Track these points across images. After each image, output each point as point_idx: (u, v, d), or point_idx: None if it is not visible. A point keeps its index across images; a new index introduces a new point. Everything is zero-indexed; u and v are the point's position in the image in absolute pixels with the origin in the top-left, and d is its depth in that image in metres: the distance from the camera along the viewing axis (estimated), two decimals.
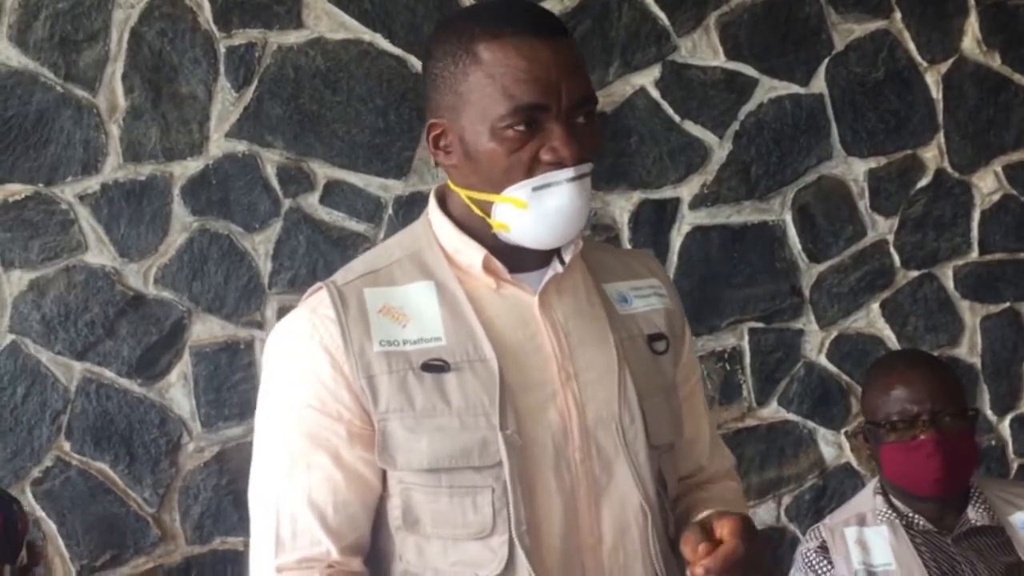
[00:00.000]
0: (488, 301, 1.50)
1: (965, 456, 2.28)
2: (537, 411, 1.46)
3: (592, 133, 1.46)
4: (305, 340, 1.47)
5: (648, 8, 3.11)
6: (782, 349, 3.22)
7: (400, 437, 1.43)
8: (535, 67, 1.39)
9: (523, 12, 1.44)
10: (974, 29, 3.27)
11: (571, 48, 1.44)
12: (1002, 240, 3.32)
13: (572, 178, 1.42)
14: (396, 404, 1.43)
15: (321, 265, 2.93)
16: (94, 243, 2.88)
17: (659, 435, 1.53)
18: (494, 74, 1.40)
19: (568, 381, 1.49)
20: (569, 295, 1.54)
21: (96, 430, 2.88)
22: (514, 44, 1.40)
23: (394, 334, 1.46)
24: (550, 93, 1.39)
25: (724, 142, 3.17)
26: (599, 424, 1.49)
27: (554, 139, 1.40)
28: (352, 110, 2.97)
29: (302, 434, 1.46)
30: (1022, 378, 3.34)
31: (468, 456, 1.43)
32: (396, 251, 1.56)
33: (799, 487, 3.24)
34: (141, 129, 2.88)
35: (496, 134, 1.41)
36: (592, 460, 1.48)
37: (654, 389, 1.55)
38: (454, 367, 1.44)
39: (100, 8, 2.85)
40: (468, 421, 1.43)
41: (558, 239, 1.48)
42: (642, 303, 1.61)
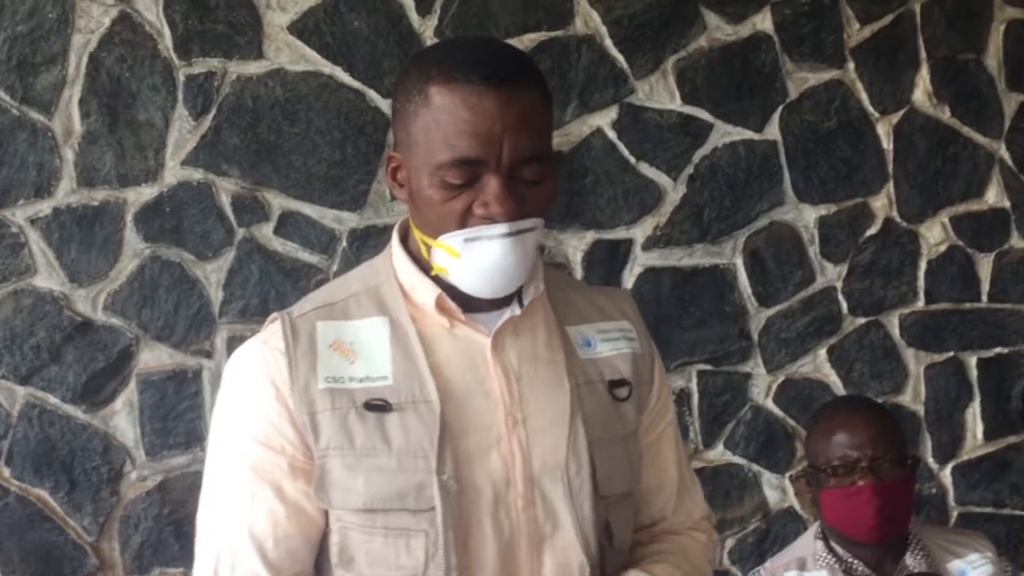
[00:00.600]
0: (440, 341, 1.48)
1: (903, 503, 2.30)
2: (479, 456, 1.44)
3: (540, 191, 1.41)
4: (253, 372, 1.46)
5: (607, 50, 3.14)
6: (729, 392, 3.24)
7: (338, 475, 1.42)
8: (479, 119, 1.35)
9: (483, 57, 1.39)
10: (925, 82, 3.33)
11: (529, 100, 1.38)
12: (948, 290, 3.37)
13: (505, 234, 1.38)
14: (336, 442, 1.42)
15: (273, 296, 2.92)
16: (44, 267, 2.86)
17: (609, 485, 1.50)
18: (440, 120, 1.36)
19: (515, 427, 1.46)
20: (527, 338, 1.51)
21: (37, 456, 2.85)
22: (463, 92, 1.35)
23: (341, 371, 1.44)
24: (490, 147, 1.35)
25: (678, 185, 3.20)
26: (545, 471, 1.46)
27: (488, 194, 1.37)
28: (309, 142, 2.97)
29: (246, 466, 1.45)
30: (964, 427, 3.38)
31: (403, 499, 1.41)
32: (355, 284, 1.53)
33: (743, 530, 3.26)
34: (96, 154, 2.87)
35: (434, 180, 1.38)
36: (536, 508, 1.45)
37: (609, 438, 1.51)
38: (397, 407, 1.43)
39: (59, 32, 2.84)
40: (407, 463, 1.41)
41: (494, 291, 1.44)
42: (607, 347, 1.56)
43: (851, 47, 3.28)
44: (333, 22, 2.97)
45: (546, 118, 1.43)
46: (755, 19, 3.23)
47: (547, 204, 1.43)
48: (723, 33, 3.21)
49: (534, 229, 1.41)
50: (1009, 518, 3.41)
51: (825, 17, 3.26)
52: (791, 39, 3.24)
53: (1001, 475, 3.39)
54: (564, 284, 1.63)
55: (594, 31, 3.13)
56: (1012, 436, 3.40)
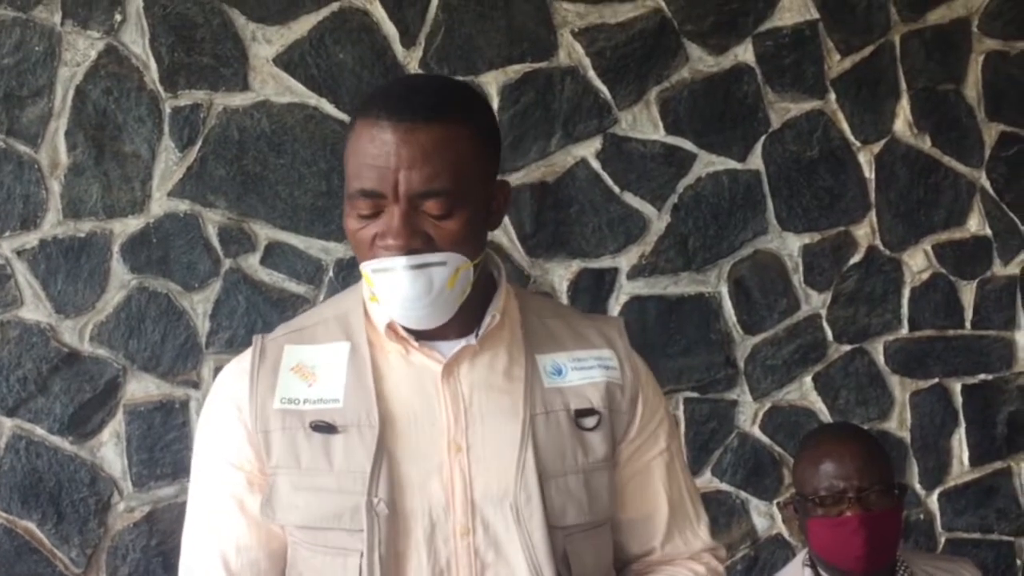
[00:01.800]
0: (393, 367, 1.51)
1: (891, 533, 2.29)
2: (417, 482, 1.46)
3: (448, 226, 1.41)
4: (222, 392, 1.55)
5: (590, 82, 3.17)
6: (716, 419, 3.25)
7: (283, 492, 1.47)
8: (375, 153, 1.39)
9: (396, 93, 1.45)
10: (906, 112, 3.36)
11: (432, 135, 1.39)
12: (931, 317, 3.38)
13: (406, 267, 1.39)
14: (284, 460, 1.47)
15: (260, 326, 2.93)
16: (30, 298, 2.86)
17: (562, 516, 1.48)
18: (352, 153, 1.42)
19: (457, 454, 1.47)
20: (483, 366, 1.51)
21: (24, 488, 2.85)
22: (369, 127, 1.40)
23: (297, 392, 1.50)
24: (385, 181, 1.38)
25: (662, 214, 3.22)
26: (488, 500, 1.46)
27: (384, 226, 1.40)
28: (295, 173, 2.99)
29: (213, 482, 1.53)
30: (950, 453, 3.39)
31: (339, 519, 1.45)
32: (328, 310, 1.60)
33: (731, 557, 3.25)
34: (82, 186, 2.88)
35: (349, 211, 1.44)
36: (476, 535, 1.46)
37: (567, 468, 1.50)
38: (342, 429, 1.46)
39: (46, 65, 2.86)
40: (346, 484, 1.45)
41: (410, 321, 1.46)
42: (579, 376, 1.56)
43: (832, 78, 3.31)
44: (318, 54, 3.00)
45: (460, 154, 1.42)
46: (737, 50, 3.26)
47: (456, 240, 1.42)
48: (705, 64, 3.24)
49: (443, 264, 1.41)
50: (996, 543, 3.40)
51: (806, 48, 3.29)
52: (773, 70, 3.27)
53: (988, 500, 3.39)
54: (547, 311, 1.63)
55: (577, 63, 3.16)
56: (998, 462, 3.41)
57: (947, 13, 3.37)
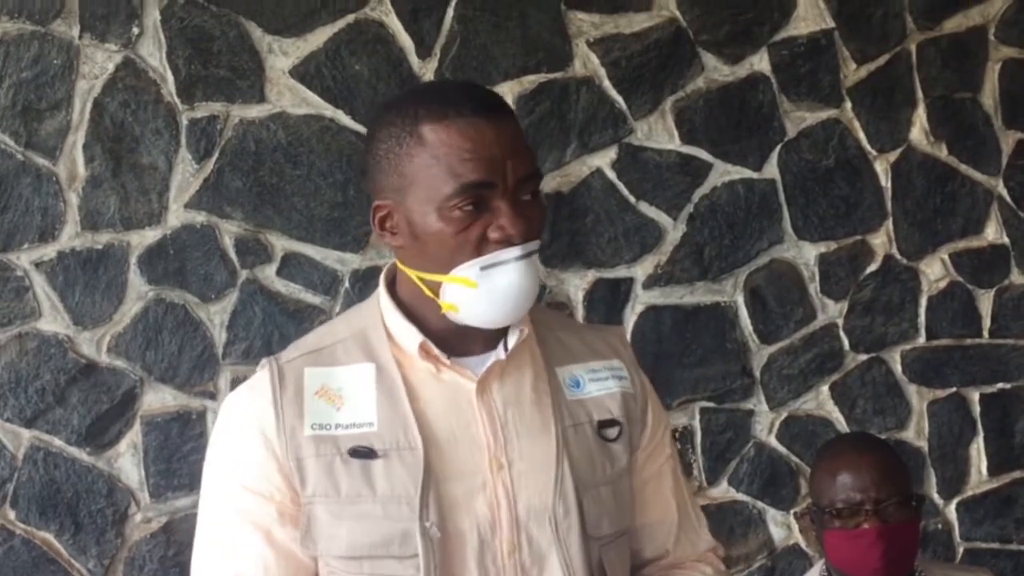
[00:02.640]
0: (426, 386, 1.49)
1: (908, 545, 2.27)
2: (464, 501, 1.44)
3: (538, 210, 1.45)
4: (242, 419, 1.48)
5: (605, 91, 3.18)
6: (732, 429, 3.24)
7: (323, 522, 1.43)
8: (479, 146, 1.39)
9: (465, 93, 1.45)
10: (922, 120, 3.35)
11: (514, 126, 1.44)
12: (948, 326, 3.37)
13: (520, 256, 1.41)
14: (322, 489, 1.43)
15: (276, 337, 2.93)
16: (48, 310, 2.87)
17: (599, 527, 1.50)
18: (439, 155, 1.39)
19: (500, 471, 1.46)
20: (512, 381, 1.51)
21: (42, 499, 2.86)
22: (458, 125, 1.39)
23: (327, 417, 1.46)
24: (495, 171, 1.39)
25: (678, 224, 3.22)
26: (531, 516, 1.46)
27: (501, 217, 1.40)
28: (311, 184, 3.00)
29: (236, 512, 1.46)
30: (968, 462, 3.38)
31: (388, 546, 1.42)
32: (343, 330, 1.55)
33: (748, 568, 3.25)
34: (100, 198, 2.90)
35: (443, 214, 1.40)
36: (522, 552, 1.46)
37: (598, 480, 1.52)
38: (382, 454, 1.43)
39: (64, 78, 2.88)
40: (391, 510, 1.42)
41: (508, 318, 1.46)
42: (596, 387, 1.57)
43: (848, 86, 3.31)
44: (334, 66, 3.01)
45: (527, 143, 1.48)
46: (752, 60, 3.26)
47: (544, 224, 1.48)
48: (720, 74, 3.24)
49: (539, 250, 1.45)
50: (1015, 553, 3.39)
51: (822, 57, 3.29)
52: (788, 79, 3.27)
53: (1006, 510, 3.38)
54: (555, 324, 1.64)
55: (593, 73, 3.16)
56: (1017, 471, 3.39)
57: (963, 21, 3.36)
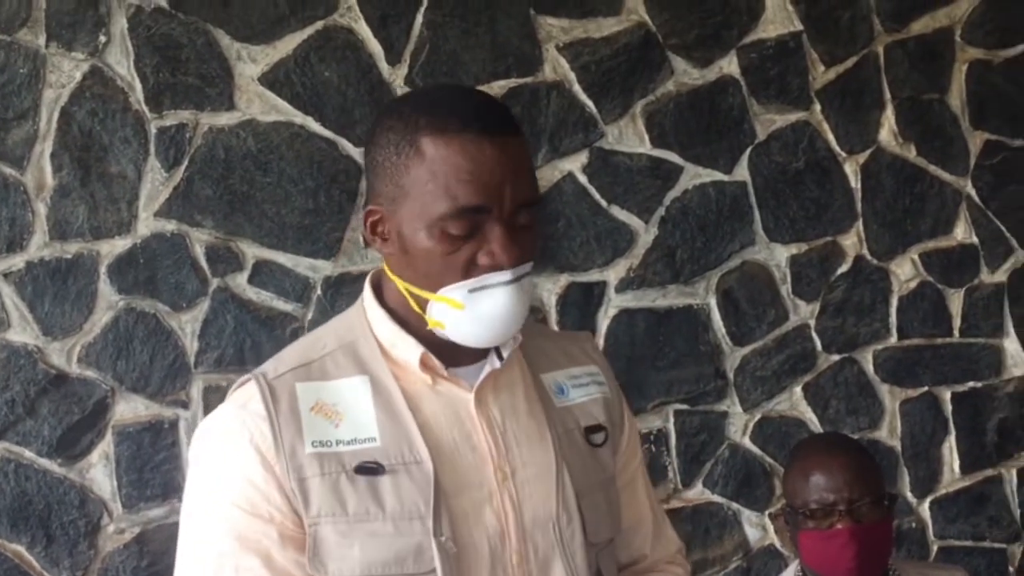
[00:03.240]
0: (424, 399, 1.45)
1: (881, 545, 2.28)
2: (473, 514, 1.42)
3: (532, 233, 1.41)
4: (234, 438, 1.41)
5: (576, 96, 3.18)
6: (707, 431, 3.25)
7: (332, 543, 1.38)
8: (479, 168, 1.33)
9: (472, 106, 1.39)
10: (891, 122, 3.38)
11: (519, 146, 1.38)
12: (920, 326, 3.39)
13: (510, 281, 1.36)
14: (328, 508, 1.38)
15: (248, 345, 2.91)
16: (17, 321, 2.85)
17: (597, 532, 1.50)
18: (436, 171, 1.34)
19: (504, 481, 1.45)
20: (506, 391, 1.50)
21: (13, 511, 2.83)
22: (459, 141, 1.34)
23: (327, 434, 1.40)
24: (492, 195, 1.34)
25: (650, 227, 3.23)
26: (536, 524, 1.45)
27: (493, 242, 1.35)
28: (282, 191, 2.99)
29: (230, 536, 1.39)
30: (941, 461, 3.40)
31: (402, 563, 1.38)
32: (330, 341, 1.50)
33: (723, 568, 3.25)
34: (69, 207, 2.87)
35: (434, 233, 1.36)
36: (529, 562, 1.45)
37: (592, 485, 1.52)
38: (389, 469, 1.39)
39: (30, 87, 2.86)
40: (402, 526, 1.38)
41: (495, 340, 1.43)
42: (579, 392, 1.57)
43: (817, 89, 3.33)
44: (303, 72, 3.00)
45: (531, 162, 1.43)
46: (721, 63, 3.27)
47: (536, 246, 1.43)
48: (690, 77, 3.25)
49: (530, 273, 1.42)
50: (989, 551, 3.41)
51: (790, 60, 3.31)
52: (757, 82, 3.29)
53: (979, 508, 3.40)
54: (531, 330, 1.61)
55: (563, 77, 3.17)
56: (989, 469, 3.42)
57: (930, 23, 3.39)
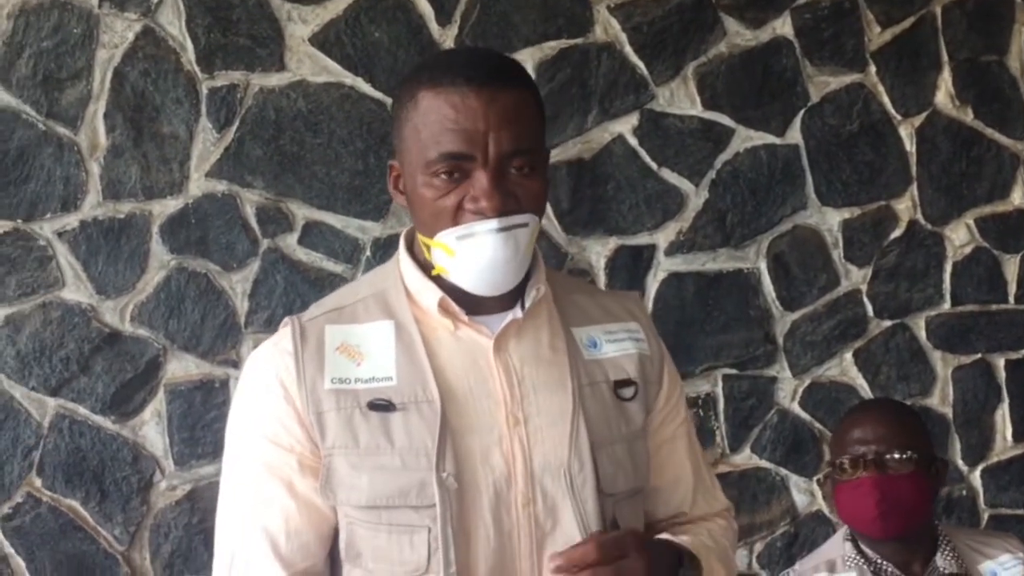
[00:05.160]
0: (443, 343, 1.52)
1: (907, 497, 2.28)
2: (480, 455, 1.47)
3: (529, 185, 1.46)
4: (264, 373, 1.52)
5: (627, 57, 3.15)
6: (755, 396, 3.24)
7: (343, 473, 1.46)
8: (462, 117, 1.41)
9: (469, 61, 1.47)
10: (947, 84, 3.32)
11: (512, 98, 1.44)
12: (974, 292, 3.35)
13: (496, 229, 1.42)
14: (341, 441, 1.46)
15: (298, 305, 2.93)
16: (71, 280, 2.89)
17: (614, 483, 1.53)
18: (426, 121, 1.43)
19: (516, 426, 1.49)
20: (529, 339, 1.55)
21: (68, 467, 2.88)
22: (447, 93, 1.42)
23: (347, 372, 1.49)
24: (475, 142, 1.41)
25: (700, 190, 3.20)
26: (546, 470, 1.49)
27: (476, 189, 1.42)
28: (332, 152, 3.00)
29: (258, 464, 1.50)
30: (993, 428, 3.36)
31: (406, 496, 1.45)
32: (364, 289, 1.59)
33: (771, 534, 3.25)
34: (121, 167, 2.90)
35: (425, 180, 1.44)
36: (536, 505, 1.48)
37: (613, 437, 1.54)
38: (400, 407, 1.47)
39: (83, 48, 2.88)
40: (409, 461, 1.45)
41: (490, 287, 1.48)
42: (613, 348, 1.60)
43: (872, 50, 3.28)
44: (354, 33, 3.00)
45: (531, 115, 1.47)
46: (775, 24, 3.23)
47: (538, 199, 1.48)
48: (743, 38, 3.22)
49: (527, 225, 1.46)
50: None
51: (845, 21, 3.26)
52: (811, 43, 3.24)
53: None
54: (571, 287, 1.67)
55: (614, 38, 3.14)
56: None
57: None
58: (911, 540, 2.32)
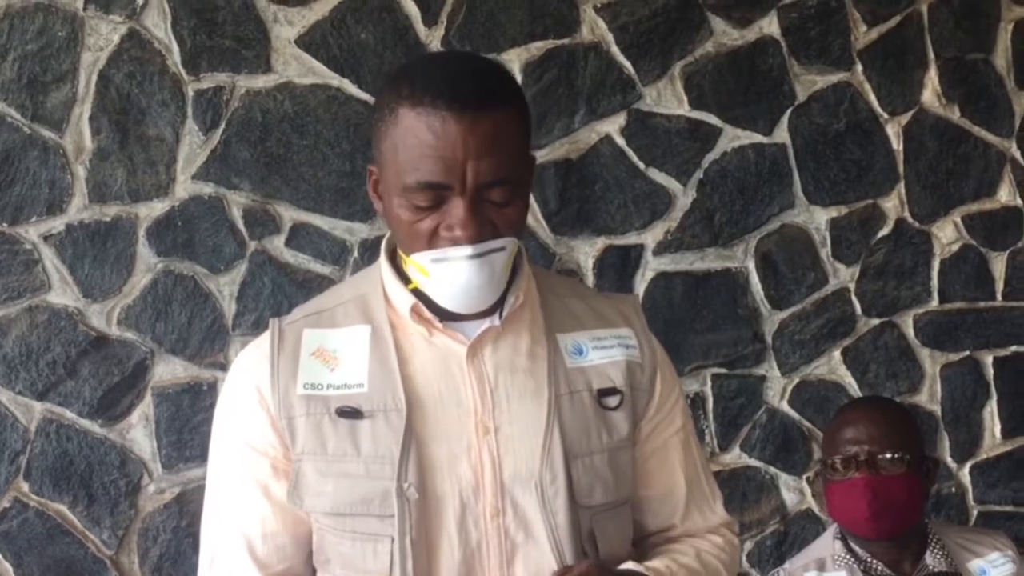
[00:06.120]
0: (417, 349, 1.50)
1: (899, 497, 2.29)
2: (447, 464, 1.46)
3: (508, 211, 1.42)
4: (242, 377, 1.53)
5: (614, 57, 3.15)
6: (744, 395, 3.24)
7: (311, 479, 1.47)
8: (441, 144, 1.35)
9: (450, 80, 1.38)
10: (934, 82, 3.33)
11: (495, 123, 1.37)
12: (961, 289, 3.35)
13: (471, 256, 1.39)
14: (310, 447, 1.46)
15: (286, 307, 2.92)
16: (57, 283, 2.88)
17: (590, 496, 1.50)
18: (406, 143, 1.37)
19: (486, 435, 1.47)
20: (507, 347, 1.52)
21: (55, 471, 2.87)
22: (427, 116, 1.35)
23: (320, 377, 1.49)
24: (452, 173, 1.36)
25: (688, 190, 3.20)
26: (517, 481, 1.47)
27: (452, 217, 1.38)
28: (319, 154, 2.99)
29: (236, 466, 1.52)
30: (982, 426, 3.36)
31: (369, 504, 1.44)
32: (347, 292, 1.58)
33: (761, 533, 3.25)
34: (107, 170, 2.89)
35: (402, 201, 1.40)
36: (506, 517, 1.46)
37: (592, 447, 1.51)
38: (368, 414, 1.46)
39: (69, 50, 2.87)
40: (374, 469, 1.44)
41: (463, 308, 1.46)
42: (599, 355, 1.56)
43: (858, 49, 3.28)
44: (340, 35, 2.99)
45: (515, 139, 1.42)
46: (761, 23, 3.23)
47: (516, 225, 1.45)
48: (729, 38, 3.22)
49: (503, 249, 1.43)
50: None
51: (832, 20, 3.26)
52: (798, 42, 3.24)
53: (1020, 473, 3.36)
54: (565, 290, 1.63)
55: (600, 38, 3.14)
56: None
57: None
58: (901, 539, 2.33)
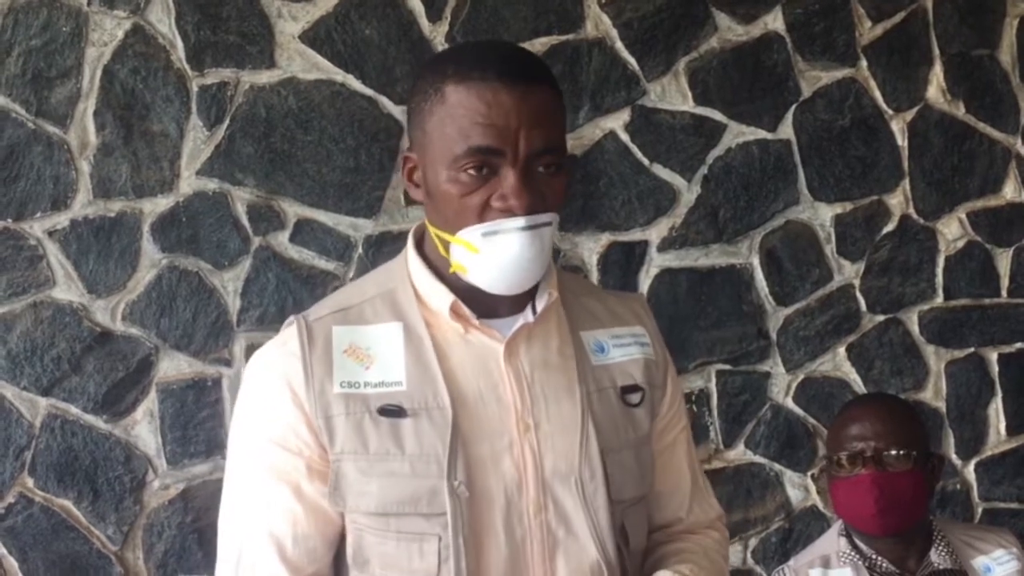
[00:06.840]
0: (454, 347, 1.50)
1: (906, 494, 2.30)
2: (491, 462, 1.46)
3: (556, 185, 1.44)
4: (270, 375, 1.49)
5: (618, 53, 3.15)
6: (749, 391, 3.23)
7: (352, 479, 1.45)
8: (494, 112, 1.38)
9: (497, 56, 1.44)
10: (939, 78, 3.32)
11: (541, 96, 1.41)
12: (967, 286, 3.35)
13: (523, 227, 1.40)
14: (351, 446, 1.44)
15: (290, 303, 2.93)
16: (62, 279, 2.87)
17: (622, 490, 1.52)
18: (455, 115, 1.39)
19: (526, 432, 1.48)
20: (539, 344, 1.53)
21: (60, 467, 2.87)
22: (478, 88, 1.38)
23: (356, 375, 1.47)
24: (506, 139, 1.38)
25: (692, 186, 3.20)
26: (557, 477, 1.48)
27: (505, 186, 1.40)
28: (323, 149, 2.99)
29: (264, 467, 1.48)
30: (987, 422, 3.36)
31: (416, 503, 1.44)
32: (371, 289, 1.56)
33: (765, 529, 3.25)
34: (112, 166, 2.89)
35: (451, 175, 1.41)
36: (548, 513, 1.47)
37: (621, 444, 1.53)
38: (411, 413, 1.45)
39: (73, 46, 2.86)
40: (419, 468, 1.44)
41: (512, 286, 1.46)
42: (620, 352, 1.59)
43: (863, 45, 3.28)
44: (344, 30, 2.99)
45: (559, 114, 1.45)
46: (766, 19, 3.23)
47: (561, 198, 1.46)
48: (734, 34, 3.21)
49: (550, 224, 1.44)
50: None
51: (837, 15, 3.26)
52: (803, 38, 3.24)
53: None
54: (580, 289, 1.66)
55: (605, 34, 3.14)
56: None
57: None
58: (906, 535, 2.33)
